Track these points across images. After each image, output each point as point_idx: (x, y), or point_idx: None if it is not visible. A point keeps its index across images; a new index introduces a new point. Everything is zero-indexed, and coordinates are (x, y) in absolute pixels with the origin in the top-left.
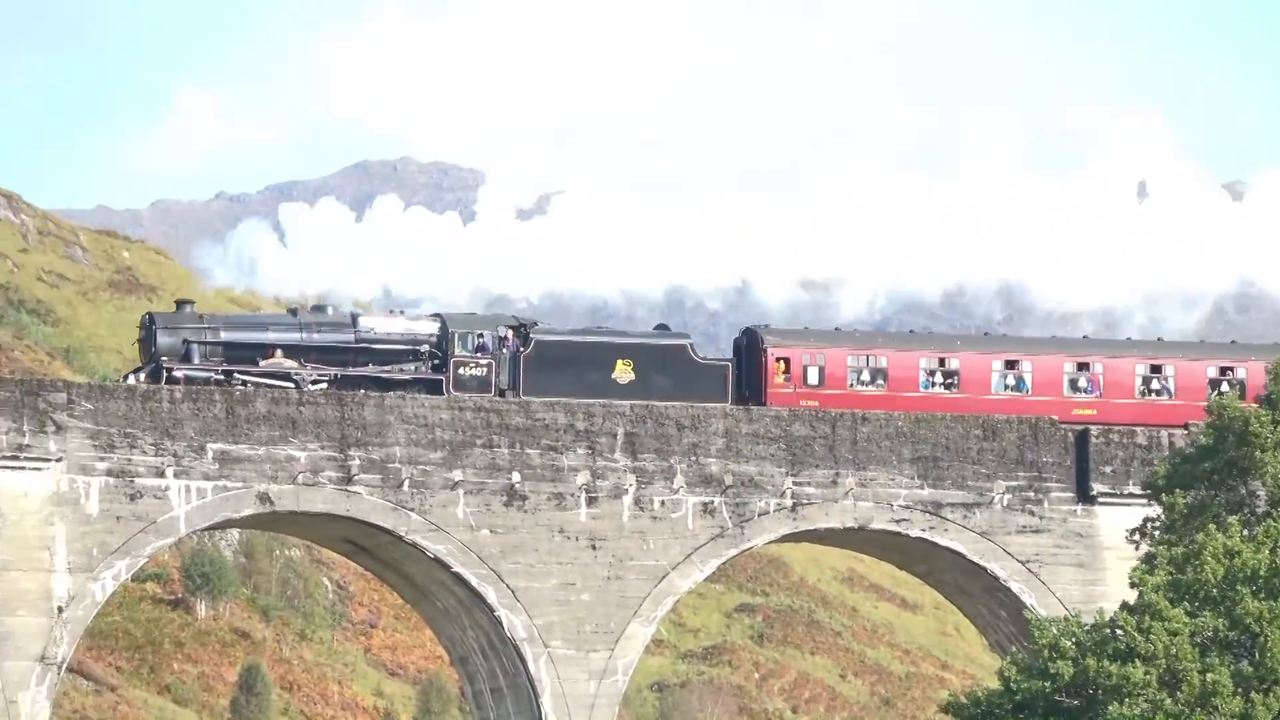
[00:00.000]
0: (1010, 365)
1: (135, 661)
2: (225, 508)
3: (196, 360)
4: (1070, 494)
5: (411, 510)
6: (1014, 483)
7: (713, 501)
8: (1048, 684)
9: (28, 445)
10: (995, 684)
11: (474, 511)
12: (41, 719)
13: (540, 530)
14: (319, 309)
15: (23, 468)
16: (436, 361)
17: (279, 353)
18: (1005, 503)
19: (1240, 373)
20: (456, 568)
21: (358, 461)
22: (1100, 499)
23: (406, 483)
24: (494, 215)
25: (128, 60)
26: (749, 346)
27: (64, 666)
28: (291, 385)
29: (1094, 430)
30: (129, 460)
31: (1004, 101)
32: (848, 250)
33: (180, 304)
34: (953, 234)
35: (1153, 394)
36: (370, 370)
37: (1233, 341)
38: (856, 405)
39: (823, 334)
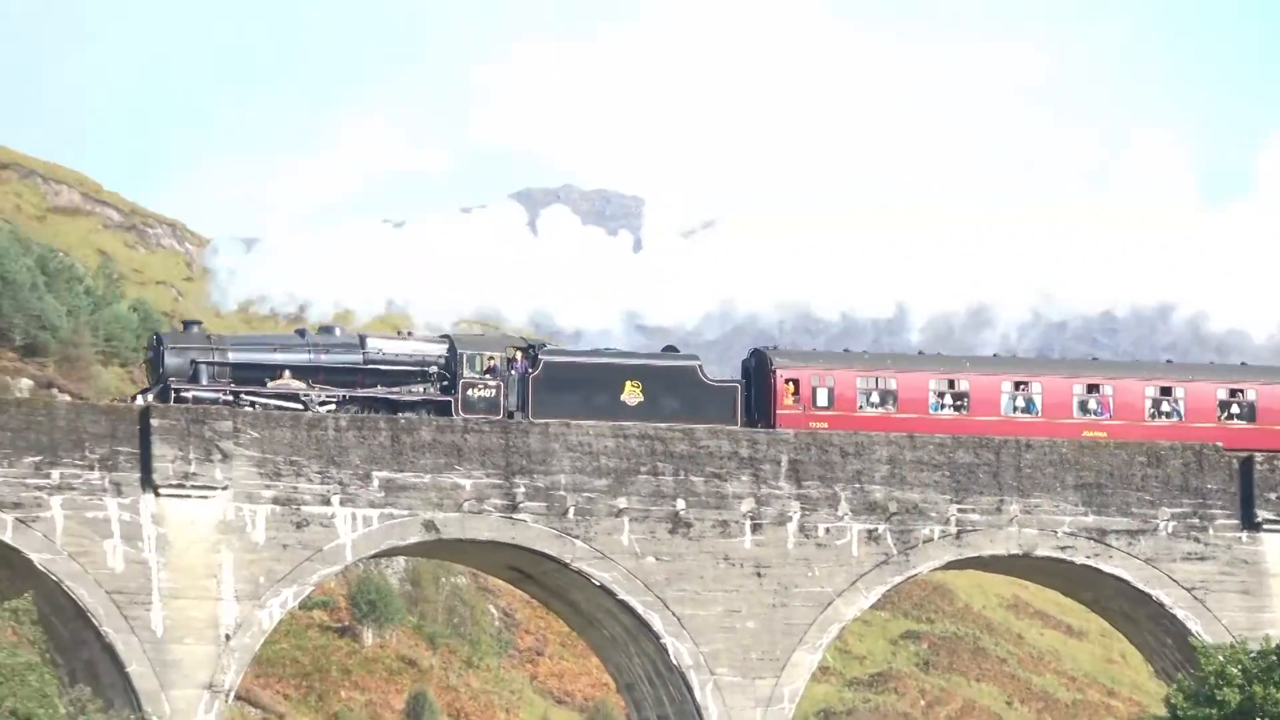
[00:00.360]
0: (1019, 386)
1: (303, 689)
2: (391, 535)
3: (204, 381)
4: (1235, 521)
5: (576, 538)
6: (1179, 509)
7: (877, 528)
8: (1214, 711)
9: (194, 474)
10: (1162, 711)
11: (639, 539)
12: None
13: (705, 557)
14: (326, 330)
15: (189, 496)
16: (445, 383)
17: (287, 373)
18: (1170, 530)
19: (1250, 395)
20: (622, 595)
21: (523, 489)
22: (1265, 526)
23: (571, 510)
24: (660, 238)
25: (288, 89)
26: (758, 368)
27: (231, 694)
28: (300, 406)
29: (1259, 457)
30: (295, 488)
31: (1167, 122)
32: (998, 273)
33: (187, 324)
34: (1108, 256)
35: (1162, 416)
36: (379, 391)
37: (1242, 363)
38: (864, 427)
39: (832, 355)
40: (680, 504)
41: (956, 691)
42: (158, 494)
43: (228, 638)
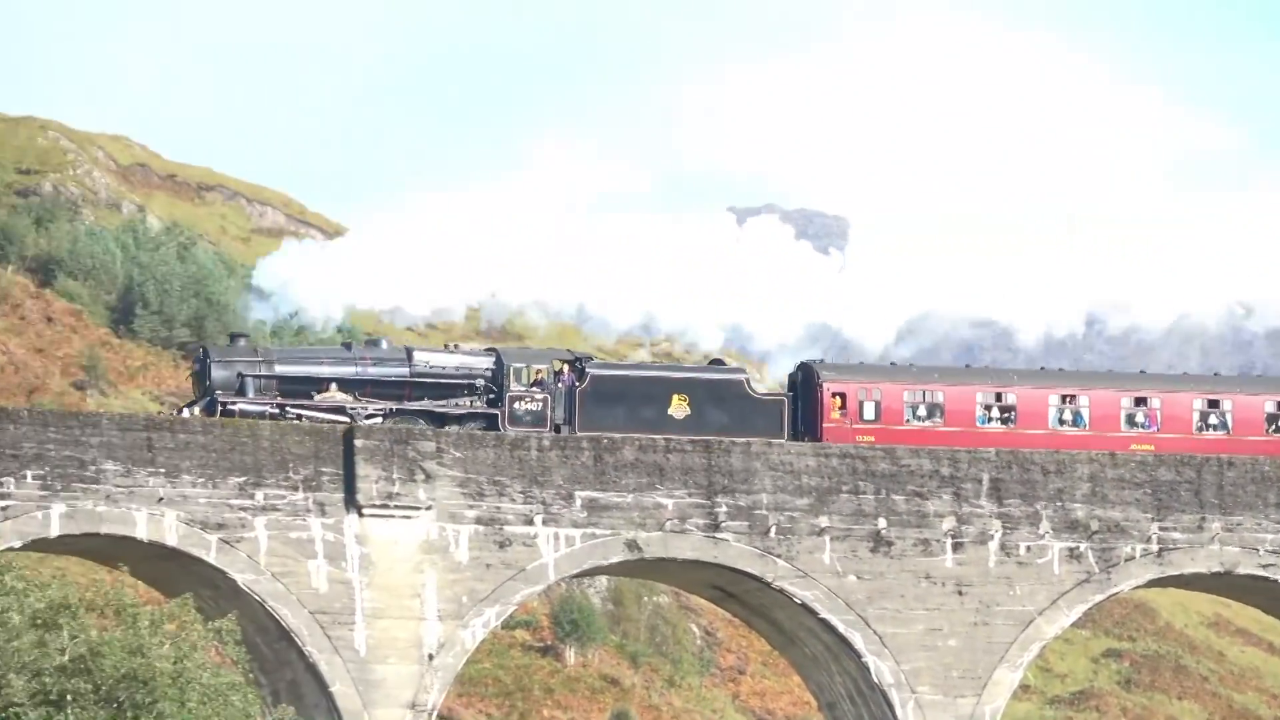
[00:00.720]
0: (1067, 399)
1: (505, 708)
2: (594, 555)
3: (251, 394)
4: None
5: (778, 556)
6: None
7: (1078, 547)
8: None
9: (398, 494)
10: None
11: (840, 557)
12: None
13: (906, 576)
14: (373, 343)
15: (393, 516)
16: (492, 396)
17: (334, 386)
18: None
19: None
20: (823, 613)
21: (725, 508)
22: None
23: (773, 529)
24: (860, 256)
25: (494, 109)
26: (804, 381)
27: (434, 713)
28: (346, 420)
29: None
30: (498, 508)
31: None
32: (1195, 286)
33: (234, 337)
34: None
35: (1210, 429)
36: (425, 404)
37: None
38: (912, 441)
39: (878, 369)
40: (881, 522)
41: (1158, 709)
42: (361, 514)
43: (431, 657)
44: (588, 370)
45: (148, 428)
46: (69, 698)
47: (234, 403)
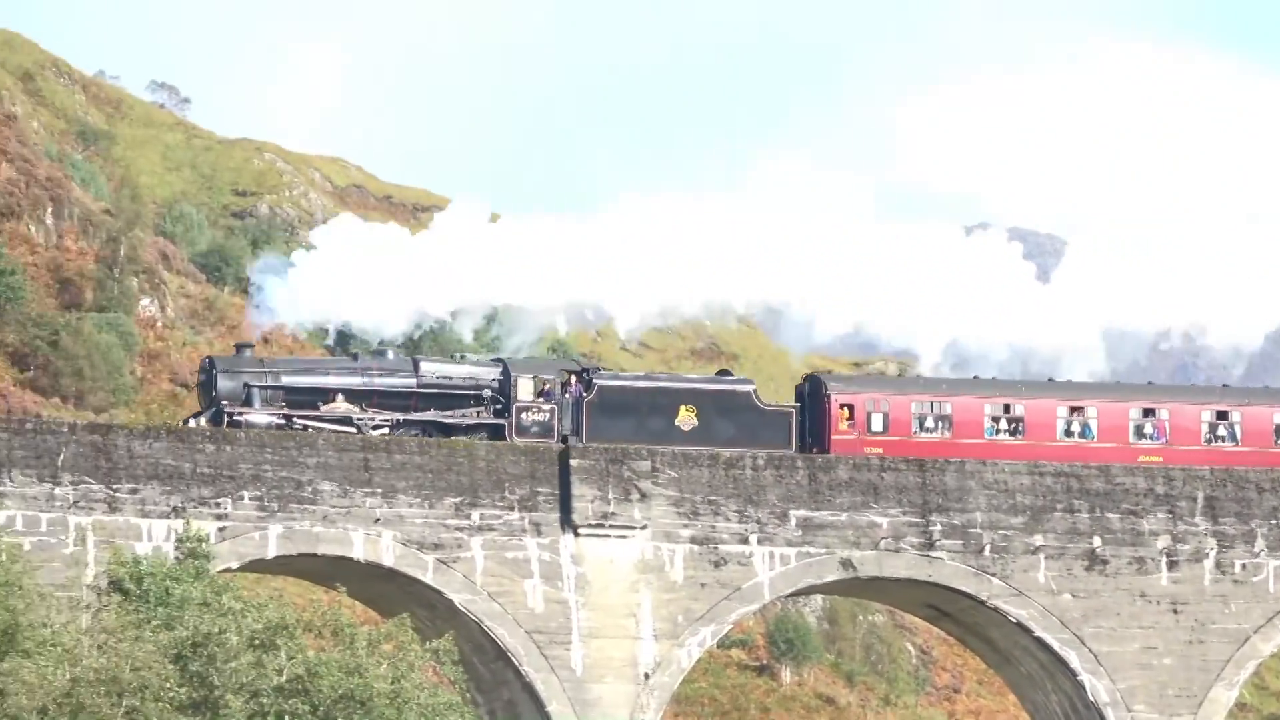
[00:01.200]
0: (1075, 411)
1: None
2: (808, 574)
3: (257, 404)
4: None
5: (993, 575)
6: None
7: None
8: None
9: (613, 513)
10: None
11: (1055, 576)
12: None
13: (1121, 594)
14: (380, 353)
15: (608, 536)
16: (499, 406)
17: (340, 397)
18: None
19: None
20: (1039, 632)
21: (939, 527)
22: None
23: (988, 548)
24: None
25: (709, 128)
26: (812, 393)
27: None
28: (353, 430)
29: None
30: (713, 527)
31: None
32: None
33: (240, 347)
34: None
35: (1218, 440)
36: (432, 415)
37: None
38: (920, 453)
39: (887, 380)
40: (1096, 541)
41: None
42: (577, 534)
43: (647, 676)
44: (595, 381)
45: (364, 448)
46: (286, 718)
47: (240, 413)
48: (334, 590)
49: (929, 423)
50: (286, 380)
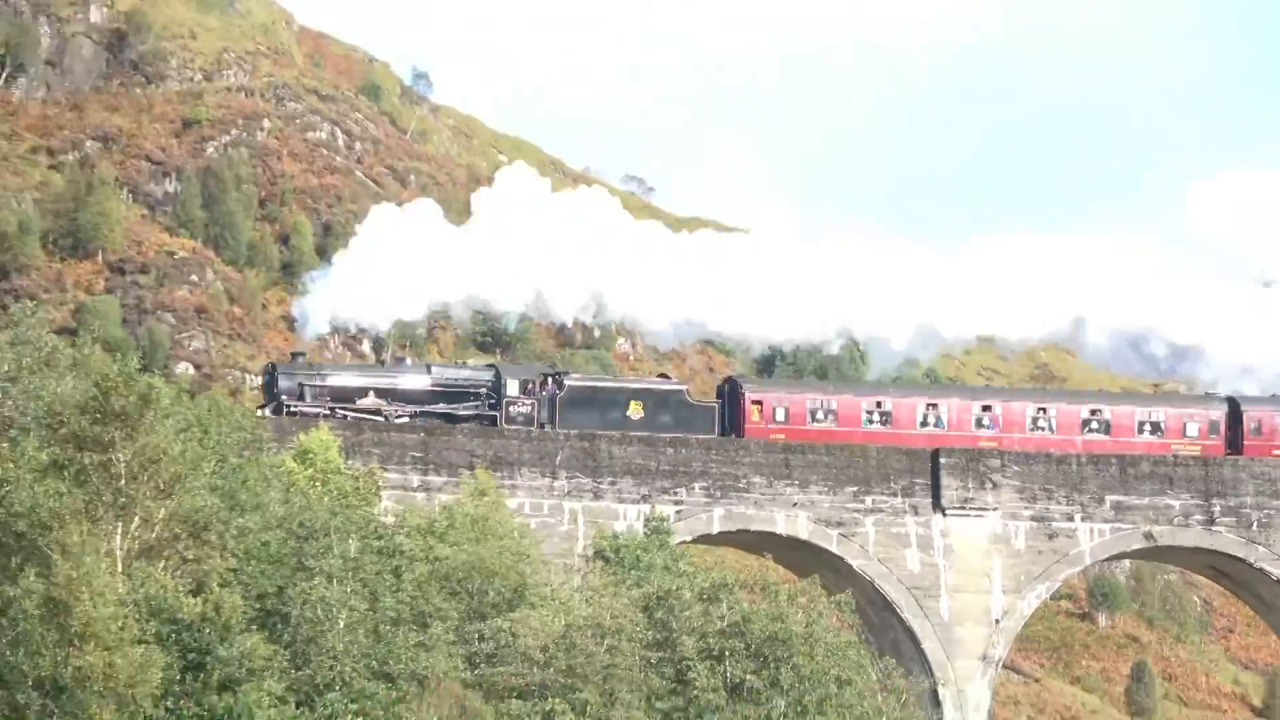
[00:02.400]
0: (930, 407)
1: (1053, 660)
2: (1119, 544)
3: (308, 399)
4: None
5: (1259, 544)
6: None
7: None
8: None
9: (971, 499)
10: None
11: None
12: (983, 702)
13: None
14: (400, 360)
15: (969, 515)
16: (492, 401)
17: (372, 394)
18: None
19: (1105, 415)
20: None
21: (1218, 508)
22: None
23: (1255, 523)
24: None
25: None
26: (731, 393)
27: (1000, 664)
28: (381, 419)
29: None
30: (1047, 509)
31: None
32: None
33: (295, 355)
34: None
35: (1039, 430)
36: (442, 408)
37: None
38: (811, 439)
39: (788, 383)
40: None
41: None
42: (945, 514)
43: (997, 622)
44: (566, 382)
45: (785, 450)
46: (726, 653)
47: (296, 406)
48: (762, 557)
49: (820, 415)
50: (331, 381)
